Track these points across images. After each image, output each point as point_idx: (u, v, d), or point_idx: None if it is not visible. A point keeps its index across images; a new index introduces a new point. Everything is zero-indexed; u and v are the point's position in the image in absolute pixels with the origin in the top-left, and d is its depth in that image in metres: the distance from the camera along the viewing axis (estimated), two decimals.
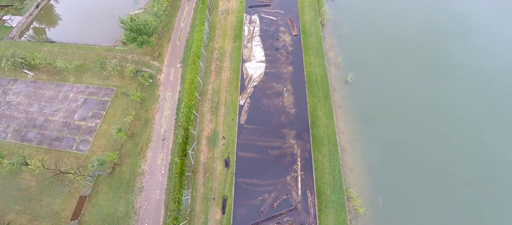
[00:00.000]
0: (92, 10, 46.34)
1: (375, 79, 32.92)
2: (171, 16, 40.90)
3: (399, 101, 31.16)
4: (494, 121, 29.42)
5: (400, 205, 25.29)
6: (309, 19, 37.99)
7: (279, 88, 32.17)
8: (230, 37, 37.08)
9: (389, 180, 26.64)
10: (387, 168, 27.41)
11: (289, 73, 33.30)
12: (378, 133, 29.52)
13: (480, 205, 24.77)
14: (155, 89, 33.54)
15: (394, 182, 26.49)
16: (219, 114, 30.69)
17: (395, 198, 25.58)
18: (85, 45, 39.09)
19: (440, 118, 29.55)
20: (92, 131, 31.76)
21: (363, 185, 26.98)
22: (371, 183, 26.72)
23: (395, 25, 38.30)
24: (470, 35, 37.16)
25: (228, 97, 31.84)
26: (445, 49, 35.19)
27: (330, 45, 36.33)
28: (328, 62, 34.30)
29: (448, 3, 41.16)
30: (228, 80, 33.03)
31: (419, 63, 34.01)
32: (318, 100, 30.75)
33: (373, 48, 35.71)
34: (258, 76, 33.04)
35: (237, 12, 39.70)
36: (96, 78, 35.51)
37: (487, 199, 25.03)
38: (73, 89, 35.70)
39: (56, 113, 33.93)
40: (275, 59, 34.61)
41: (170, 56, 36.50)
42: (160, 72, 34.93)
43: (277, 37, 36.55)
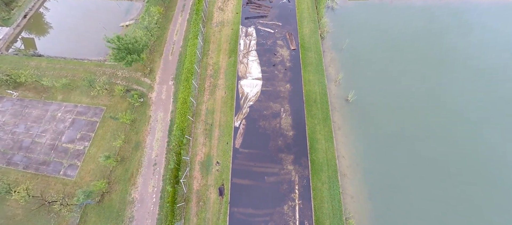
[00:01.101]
0: (82, 21, 45.13)
1: (377, 98, 31.96)
2: (164, 28, 39.82)
3: (403, 122, 30.24)
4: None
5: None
6: (308, 32, 36.86)
7: (276, 108, 31.26)
8: (225, 51, 36.06)
9: (391, 208, 25.90)
10: (389, 194, 26.67)
11: (287, 91, 32.33)
12: (379, 157, 28.67)
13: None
14: (146, 109, 32.67)
15: (397, 210, 25.73)
16: (213, 137, 29.84)
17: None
18: (73, 60, 38.09)
19: (448, 144, 28.58)
20: (80, 155, 30.97)
21: (364, 214, 26.16)
22: (373, 212, 25.93)
23: (399, 38, 37.16)
24: (478, 48, 36.16)
25: (222, 118, 30.95)
26: (453, 67, 34.05)
27: (330, 60, 35.27)
28: (328, 79, 33.31)
29: (454, 14, 40.00)
30: (223, 100, 32.11)
31: (426, 81, 32.91)
32: (318, 122, 29.85)
33: (376, 63, 34.63)
34: (254, 95, 32.10)
35: (232, 24, 38.58)
36: (84, 96, 34.61)
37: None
38: (61, 108, 34.86)
39: (43, 135, 33.15)
40: (272, 76, 33.62)
41: (162, 72, 35.53)
42: (152, 90, 34.00)
43: (274, 51, 35.50)
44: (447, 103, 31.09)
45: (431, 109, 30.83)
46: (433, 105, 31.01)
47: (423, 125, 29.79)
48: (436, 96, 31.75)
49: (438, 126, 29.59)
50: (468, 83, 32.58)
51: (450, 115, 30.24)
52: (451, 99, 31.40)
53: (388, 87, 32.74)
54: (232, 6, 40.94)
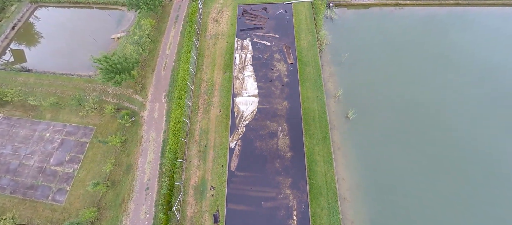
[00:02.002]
0: (72, 32, 44.16)
1: (378, 115, 31.06)
2: (156, 41, 38.85)
3: (406, 141, 29.35)
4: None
5: None
6: (306, 45, 35.90)
7: (273, 127, 30.42)
8: (219, 66, 35.13)
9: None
10: (391, 219, 25.92)
11: (284, 109, 31.48)
12: (381, 178, 27.89)
13: None
14: (137, 129, 31.83)
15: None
16: (208, 159, 29.02)
17: None
18: (62, 76, 37.19)
19: (456, 167, 27.59)
20: (70, 179, 30.15)
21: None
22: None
23: (401, 50, 36.14)
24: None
25: (217, 138, 30.13)
26: (460, 82, 32.88)
27: (329, 75, 34.37)
28: (327, 95, 32.44)
29: (458, 23, 38.66)
30: (218, 119, 31.26)
31: (433, 98, 31.78)
32: (316, 142, 29.01)
33: (377, 77, 33.64)
34: (250, 114, 31.25)
35: (227, 37, 37.60)
36: (74, 115, 33.75)
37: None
38: (50, 127, 33.97)
39: (31, 156, 32.28)
40: (269, 93, 32.72)
41: (155, 89, 34.62)
42: (144, 108, 33.12)
43: (271, 66, 34.58)
44: (455, 122, 30.07)
45: (438, 128, 29.81)
46: (440, 125, 29.96)
47: (428, 146, 28.87)
48: (443, 114, 30.70)
49: (444, 148, 28.60)
50: (478, 102, 31.40)
51: (459, 135, 29.21)
52: (459, 119, 30.33)
53: (390, 103, 31.87)
54: (227, 17, 39.95)
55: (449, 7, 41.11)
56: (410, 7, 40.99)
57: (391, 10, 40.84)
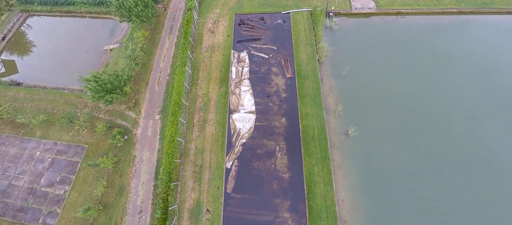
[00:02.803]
0: (64, 44, 43.00)
1: (380, 132, 30.19)
2: (150, 53, 37.86)
3: (409, 160, 28.49)
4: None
5: None
6: (305, 58, 34.97)
7: (271, 146, 29.59)
8: (215, 80, 34.20)
9: None
10: None
11: (282, 126, 30.62)
12: (383, 199, 27.10)
13: None
14: (130, 147, 30.99)
15: None
16: (203, 180, 28.24)
17: None
18: (53, 90, 36.27)
19: (461, 184, 26.70)
20: (61, 200, 29.35)
21: None
22: None
23: (404, 62, 34.89)
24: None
25: (213, 158, 29.31)
26: (467, 97, 31.76)
27: (329, 88, 33.48)
28: (326, 111, 31.58)
29: (461, 33, 37.49)
30: (213, 137, 30.42)
31: (438, 113, 30.73)
32: (316, 162, 28.22)
33: (379, 91, 32.63)
34: (247, 131, 30.40)
35: (223, 49, 36.64)
36: (65, 132, 32.88)
37: None
38: (40, 146, 33.12)
39: (21, 177, 31.49)
40: (266, 109, 31.83)
41: (148, 104, 33.75)
42: (137, 126, 32.28)
43: (269, 80, 33.66)
44: (465, 141, 28.99)
45: (445, 147, 28.74)
46: (447, 144, 28.88)
47: (434, 166, 27.96)
48: (451, 133, 29.59)
49: (452, 168, 27.59)
50: (489, 118, 30.26)
51: (469, 153, 28.21)
52: (469, 137, 29.25)
53: (393, 119, 30.90)
54: (223, 27, 38.93)
55: (452, 16, 39.99)
56: (411, 15, 39.88)
57: (393, 19, 39.79)
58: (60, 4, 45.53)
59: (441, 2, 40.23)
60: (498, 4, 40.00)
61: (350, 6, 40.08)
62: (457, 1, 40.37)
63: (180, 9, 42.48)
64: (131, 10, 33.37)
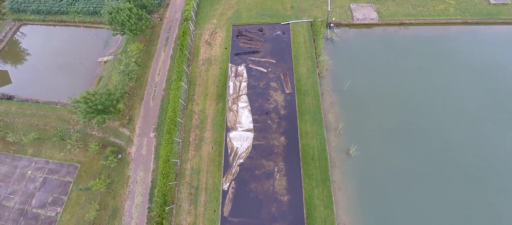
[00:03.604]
0: (57, 54, 41.94)
1: (383, 151, 29.20)
2: (145, 67, 36.84)
3: (413, 180, 27.53)
4: None
5: None
6: (305, 72, 33.98)
7: (270, 167, 28.69)
8: (212, 96, 33.27)
9: None
10: None
11: (281, 145, 29.71)
12: (385, 222, 26.42)
13: None
14: (124, 167, 30.11)
15: None
16: (199, 203, 27.37)
17: None
18: (46, 105, 35.32)
19: (468, 210, 25.71)
20: (53, 223, 28.33)
21: None
22: None
23: (408, 76, 33.74)
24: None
25: (209, 179, 28.46)
26: (475, 115, 30.63)
27: (329, 104, 32.55)
28: (327, 129, 30.63)
29: (467, 45, 36.24)
30: (210, 157, 29.53)
31: (443, 129, 29.74)
32: (316, 184, 27.36)
33: (381, 108, 31.71)
34: (245, 151, 29.51)
35: (221, 62, 35.61)
36: (57, 150, 32.00)
37: None
38: (31, 164, 32.24)
39: (12, 197, 30.64)
40: (265, 127, 30.90)
41: (143, 121, 32.85)
42: (131, 144, 31.39)
43: (267, 96, 32.69)
44: (472, 159, 27.97)
45: (451, 167, 27.72)
46: (454, 163, 27.82)
47: (439, 185, 27.00)
48: (457, 151, 28.52)
49: (458, 188, 26.61)
50: (498, 135, 29.24)
51: (476, 175, 27.19)
52: (476, 154, 28.26)
53: (397, 137, 29.86)
54: (221, 39, 37.89)
55: (457, 26, 38.98)
56: (415, 26, 38.78)
57: (395, 30, 38.69)
58: (53, 13, 44.50)
59: (445, 13, 39.14)
60: (504, 14, 38.88)
61: (351, 16, 38.98)
62: (462, 12, 39.29)
63: (176, 19, 41.45)
64: (124, 24, 32.49)
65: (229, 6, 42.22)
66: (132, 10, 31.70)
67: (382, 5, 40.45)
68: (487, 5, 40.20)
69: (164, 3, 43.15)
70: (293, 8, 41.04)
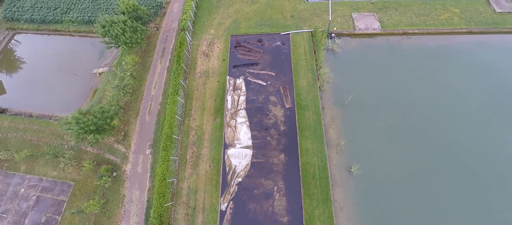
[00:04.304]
0: (51, 65, 40.84)
1: (386, 168, 28.29)
2: (141, 79, 35.93)
3: (419, 200, 26.55)
4: None
5: None
6: (306, 85, 33.10)
7: (269, 186, 27.91)
8: (210, 111, 32.45)
9: None
10: None
11: (281, 163, 28.91)
12: None
13: None
14: (119, 186, 29.34)
15: None
16: (196, 224, 26.74)
17: None
18: (39, 119, 34.51)
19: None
20: None
21: None
22: None
23: (412, 88, 32.81)
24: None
25: (207, 199, 27.67)
26: (484, 131, 29.61)
27: (330, 119, 31.71)
28: (328, 145, 29.79)
29: (472, 57, 35.09)
30: (207, 175, 28.76)
31: (448, 145, 28.72)
32: (316, 204, 26.56)
33: (385, 123, 30.78)
34: (243, 169, 28.72)
35: (218, 75, 34.70)
36: (50, 167, 31.19)
37: None
38: (24, 182, 31.49)
39: (5, 216, 29.86)
40: (264, 144, 30.05)
41: (138, 137, 32.04)
42: (126, 161, 30.59)
43: (266, 111, 31.86)
44: (481, 175, 27.13)
45: (459, 188, 26.74)
46: (461, 184, 26.84)
47: (445, 206, 26.07)
48: (465, 169, 27.54)
49: (466, 207, 25.74)
50: (506, 148, 28.43)
51: (484, 191, 26.30)
52: (484, 170, 27.33)
53: (401, 154, 28.93)
54: (219, 50, 36.98)
55: (461, 36, 37.98)
56: (418, 36, 37.87)
57: (399, 40, 37.77)
58: (47, 22, 43.61)
59: (449, 22, 38.18)
60: (510, 23, 37.99)
61: (353, 26, 38.07)
62: (467, 21, 38.31)
63: (173, 29, 40.49)
64: (118, 37, 31.57)
65: (227, 15, 41.38)
66: (127, 22, 30.80)
67: (384, 14, 39.55)
68: (492, 13, 39.34)
69: (160, 12, 42.27)
70: (293, 17, 40.19)
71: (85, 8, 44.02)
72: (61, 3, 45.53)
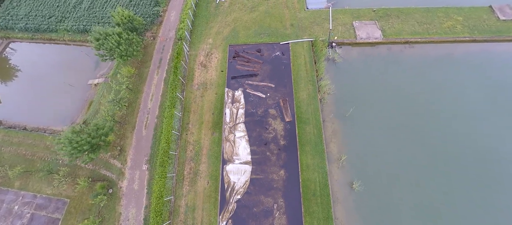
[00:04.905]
0: (46, 75, 39.96)
1: (389, 184, 27.58)
2: (137, 91, 35.18)
3: (422, 218, 25.74)
4: None
5: None
6: (306, 97, 32.38)
7: (269, 203, 27.19)
8: (207, 124, 31.75)
9: None
10: None
11: (281, 180, 28.24)
12: None
13: None
14: (115, 203, 28.62)
15: None
16: None
17: None
18: (34, 133, 33.78)
19: None
20: None
21: None
22: None
23: (416, 100, 31.97)
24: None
25: (205, 218, 26.93)
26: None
27: (331, 133, 31.00)
28: (329, 160, 29.06)
29: (477, 69, 34.26)
30: (205, 192, 28.07)
31: (455, 161, 27.92)
32: (317, 223, 25.57)
33: (387, 136, 30.01)
34: (242, 186, 28.05)
35: (216, 86, 33.95)
36: (45, 183, 30.51)
37: None
38: (18, 198, 30.78)
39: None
40: (263, 159, 29.36)
41: (135, 152, 31.34)
42: (122, 177, 29.92)
43: (266, 124, 31.15)
44: (488, 192, 26.29)
45: (465, 202, 26.02)
46: (469, 203, 26.03)
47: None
48: (471, 181, 26.86)
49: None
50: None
51: (491, 208, 25.51)
52: (490, 182, 26.58)
53: (404, 169, 28.08)
54: (217, 61, 36.18)
55: (464, 44, 37.08)
56: (421, 44, 37.09)
57: (401, 49, 36.94)
58: (42, 31, 42.78)
59: (452, 30, 37.36)
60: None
61: (354, 35, 37.32)
62: (470, 29, 37.50)
63: (170, 38, 39.68)
64: (113, 50, 30.73)
65: (225, 23, 40.57)
66: (122, 35, 30.04)
67: (386, 22, 38.75)
68: (496, 21, 38.49)
69: (157, 21, 41.51)
70: (293, 26, 39.40)
71: (80, 17, 43.28)
72: (56, 11, 44.88)
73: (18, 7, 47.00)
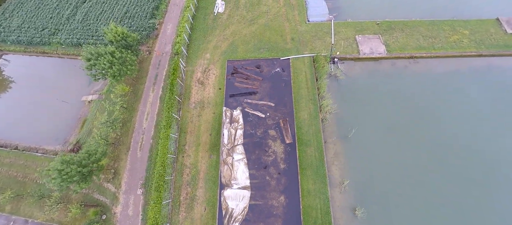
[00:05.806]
0: (39, 90, 38.75)
1: (395, 212, 26.41)
2: (132, 110, 34.07)
3: None
4: None
5: None
6: (307, 117, 31.28)
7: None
8: (205, 146, 30.67)
9: None
10: None
11: (280, 206, 27.20)
12: None
13: None
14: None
15: None
16: None
17: None
18: (25, 153, 32.70)
19: None
20: None
21: None
22: None
23: (422, 118, 30.88)
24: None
25: None
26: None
27: (333, 155, 29.94)
28: (331, 185, 28.05)
29: (483, 83, 33.08)
30: (203, 220, 27.02)
31: (464, 188, 26.75)
32: None
33: (391, 158, 28.93)
34: (240, 212, 27.03)
35: (214, 105, 32.83)
36: (36, 208, 29.51)
37: None
38: (10, 224, 29.86)
39: None
40: (263, 184, 28.35)
41: (129, 175, 30.32)
42: (117, 202, 28.90)
43: (265, 146, 30.11)
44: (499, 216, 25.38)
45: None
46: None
47: None
48: (481, 211, 25.68)
49: None
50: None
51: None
52: (503, 206, 25.65)
53: (410, 194, 27.03)
54: (215, 77, 35.00)
55: (470, 58, 35.85)
56: (426, 59, 35.90)
57: (405, 64, 35.73)
58: (34, 44, 41.52)
59: (459, 45, 36.20)
60: None
61: (357, 50, 36.23)
62: (477, 43, 36.36)
63: (166, 53, 38.40)
64: (105, 71, 29.37)
65: (223, 37, 39.30)
66: (115, 54, 28.87)
67: (390, 36, 37.53)
68: (503, 35, 37.29)
69: (152, 34, 40.29)
70: (293, 40, 38.15)
71: (74, 30, 41.97)
72: (49, 23, 43.56)
73: (10, 18, 45.71)
